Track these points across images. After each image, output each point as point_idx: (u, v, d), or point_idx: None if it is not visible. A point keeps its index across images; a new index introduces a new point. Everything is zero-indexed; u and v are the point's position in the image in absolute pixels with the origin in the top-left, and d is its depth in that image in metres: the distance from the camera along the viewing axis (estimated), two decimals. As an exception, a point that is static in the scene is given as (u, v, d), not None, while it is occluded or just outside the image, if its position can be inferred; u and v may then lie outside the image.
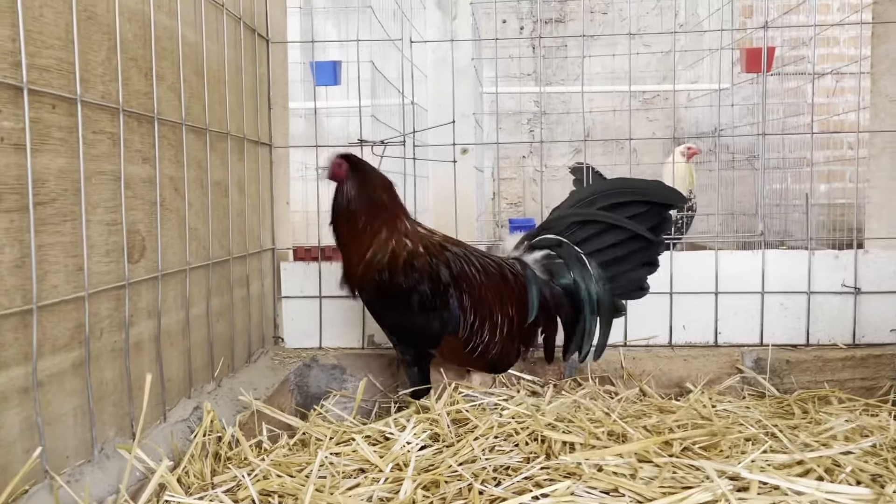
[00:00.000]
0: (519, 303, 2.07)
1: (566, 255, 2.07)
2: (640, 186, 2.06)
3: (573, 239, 2.07)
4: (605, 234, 2.05)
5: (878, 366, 2.41)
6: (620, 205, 2.04)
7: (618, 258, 2.06)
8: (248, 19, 2.36)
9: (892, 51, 2.57)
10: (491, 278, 2.05)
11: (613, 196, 2.04)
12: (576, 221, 2.07)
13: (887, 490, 1.39)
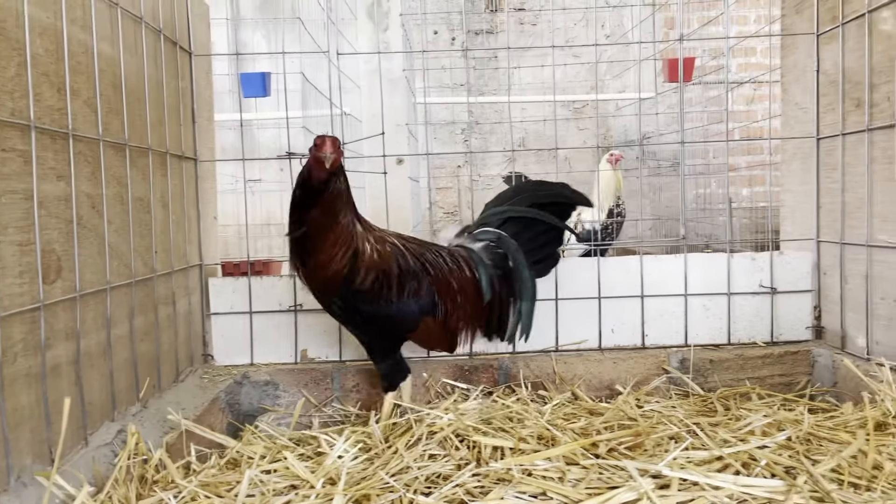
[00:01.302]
0: (474, 285, 2.21)
1: (506, 245, 2.25)
2: (554, 188, 2.37)
3: (508, 231, 2.28)
4: (532, 226, 2.29)
5: (794, 362, 2.52)
6: (540, 204, 2.31)
7: (540, 245, 2.31)
8: (169, 32, 2.32)
9: (799, 61, 2.70)
10: (449, 264, 2.20)
11: (532, 198, 2.33)
12: (510, 217, 2.29)
13: (798, 481, 1.46)
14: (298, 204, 1.95)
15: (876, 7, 2.26)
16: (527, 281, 2.25)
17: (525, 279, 2.24)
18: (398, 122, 4.89)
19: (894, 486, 1.49)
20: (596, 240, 4.13)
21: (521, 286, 2.25)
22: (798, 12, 2.69)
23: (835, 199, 2.51)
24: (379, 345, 2.15)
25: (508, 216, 2.30)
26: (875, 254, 2.32)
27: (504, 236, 2.27)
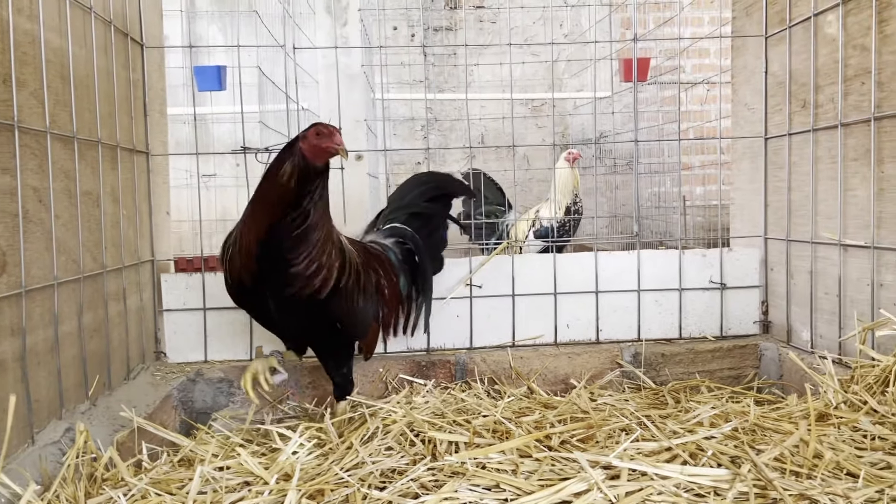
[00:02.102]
0: (396, 284, 2.22)
1: (414, 242, 2.30)
2: (444, 181, 2.48)
3: (412, 227, 2.32)
4: (430, 220, 2.38)
5: (742, 356, 2.59)
6: (435, 197, 2.40)
7: (436, 239, 2.42)
8: (120, 23, 2.27)
9: (748, 63, 2.77)
10: (380, 261, 2.19)
11: (429, 191, 2.40)
12: (413, 213, 2.35)
13: (742, 470, 1.50)
14: (294, 201, 1.75)
15: (821, 11, 2.33)
16: (429, 277, 2.33)
17: (428, 276, 2.32)
18: (357, 118, 4.87)
19: (833, 475, 1.55)
20: (553, 237, 4.18)
21: (424, 282, 2.31)
22: (748, 15, 2.76)
23: (782, 197, 2.59)
24: (339, 352, 2.08)
25: (412, 212, 2.34)
26: (819, 250, 2.39)
27: (410, 232, 2.29)
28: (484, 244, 4.16)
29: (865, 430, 1.76)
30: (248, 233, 1.80)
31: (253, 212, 1.82)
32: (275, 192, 1.77)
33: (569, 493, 1.43)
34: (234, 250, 1.84)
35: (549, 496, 1.43)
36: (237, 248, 1.83)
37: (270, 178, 1.79)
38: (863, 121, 2.16)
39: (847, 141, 2.23)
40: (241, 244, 1.82)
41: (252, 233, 1.80)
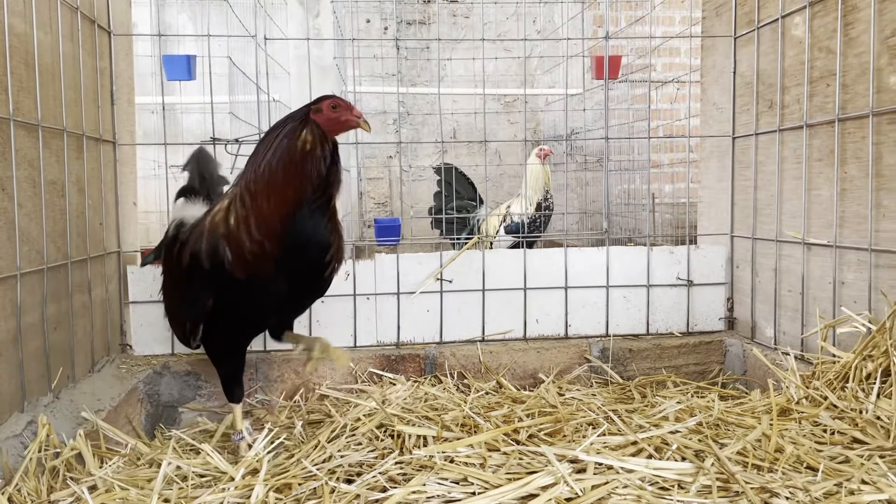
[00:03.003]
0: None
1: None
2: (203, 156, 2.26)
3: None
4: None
5: (708, 351, 2.63)
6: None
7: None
8: (87, 10, 2.23)
9: (717, 62, 2.81)
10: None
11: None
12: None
13: (706, 464, 1.53)
14: (322, 171, 1.67)
15: (789, 13, 2.37)
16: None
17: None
18: (329, 111, 4.83)
19: (794, 468, 1.58)
20: (524, 232, 4.20)
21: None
22: (717, 15, 2.80)
23: (748, 196, 2.63)
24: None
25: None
26: (784, 249, 2.44)
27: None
28: (455, 239, 4.17)
29: (826, 425, 1.81)
30: (264, 216, 1.65)
31: (265, 192, 1.65)
32: (297, 165, 1.65)
33: (536, 487, 1.45)
34: (236, 244, 1.65)
35: (516, 489, 1.44)
36: (245, 238, 1.65)
37: (285, 154, 1.66)
38: (827, 122, 2.20)
39: (812, 141, 2.28)
40: (253, 232, 1.64)
41: (273, 214, 1.65)
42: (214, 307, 1.72)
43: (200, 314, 1.74)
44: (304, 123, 1.68)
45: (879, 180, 2.01)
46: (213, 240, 1.68)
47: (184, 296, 1.79)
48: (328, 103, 1.70)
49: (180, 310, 1.84)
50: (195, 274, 1.71)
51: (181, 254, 1.75)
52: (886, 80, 1.98)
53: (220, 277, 1.67)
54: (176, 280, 1.84)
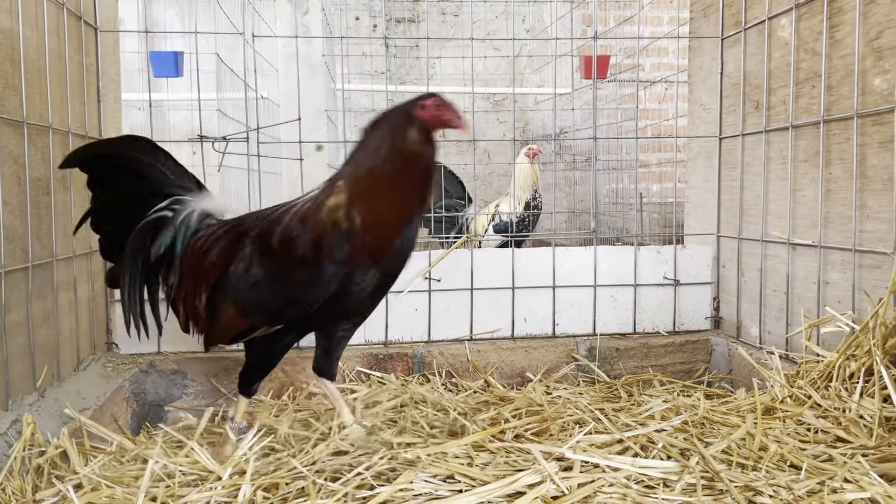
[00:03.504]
0: None
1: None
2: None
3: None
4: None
5: (694, 350, 2.65)
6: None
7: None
8: (74, 6, 2.21)
9: (705, 63, 2.82)
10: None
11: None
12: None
13: (691, 462, 1.54)
14: (432, 171, 1.72)
15: (775, 14, 2.39)
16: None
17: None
18: (317, 108, 4.82)
19: (777, 466, 1.60)
20: (512, 231, 4.21)
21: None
22: (705, 16, 2.81)
23: (734, 196, 2.65)
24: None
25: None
26: (769, 249, 2.46)
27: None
28: (443, 238, 4.17)
29: (809, 424, 1.82)
30: (386, 216, 1.67)
31: (389, 191, 1.67)
32: (413, 166, 1.68)
33: (522, 485, 1.45)
34: (361, 243, 1.65)
35: (504, 487, 1.45)
36: (368, 240, 1.65)
37: (398, 156, 1.67)
38: (813, 123, 2.22)
39: (797, 143, 2.30)
40: (377, 234, 1.66)
41: (396, 213, 1.68)
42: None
43: (301, 310, 1.71)
44: (410, 121, 1.69)
45: (863, 181, 2.03)
46: (337, 236, 1.65)
47: (288, 288, 1.71)
48: (433, 101, 1.70)
49: (271, 303, 1.73)
50: (307, 267, 1.67)
51: (293, 245, 1.68)
52: (871, 83, 2.00)
53: (332, 274, 1.66)
54: (286, 270, 1.70)
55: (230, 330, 1.77)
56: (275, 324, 1.74)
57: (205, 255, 1.80)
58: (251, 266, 1.71)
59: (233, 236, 1.79)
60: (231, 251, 1.76)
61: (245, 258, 1.73)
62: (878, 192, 1.98)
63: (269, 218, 1.76)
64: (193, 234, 1.86)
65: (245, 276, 1.72)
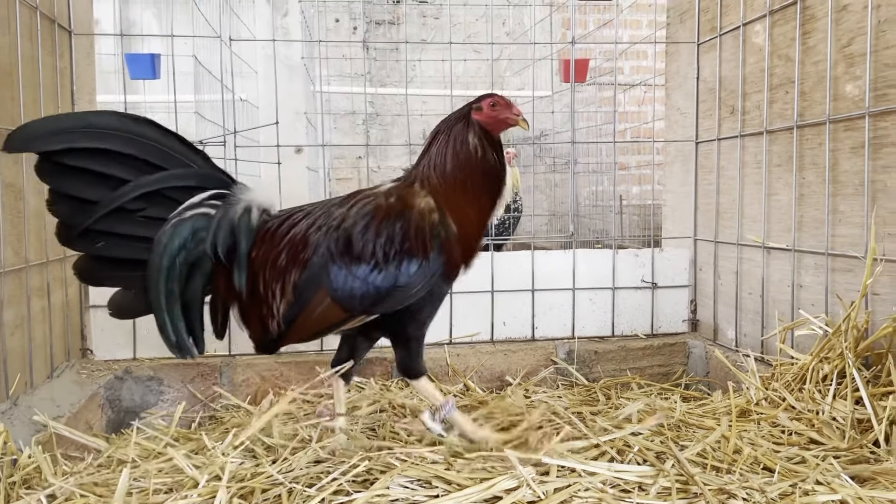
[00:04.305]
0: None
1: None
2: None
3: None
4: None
5: (671, 353, 2.67)
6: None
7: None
8: (47, 9, 2.19)
9: (681, 68, 2.85)
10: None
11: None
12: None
13: (666, 466, 1.56)
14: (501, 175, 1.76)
15: (750, 21, 2.41)
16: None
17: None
18: (297, 110, 4.80)
19: (751, 469, 1.61)
20: (493, 234, 4.21)
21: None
22: (681, 22, 2.84)
23: (710, 199, 2.67)
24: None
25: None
26: (744, 252, 2.48)
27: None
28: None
29: (784, 426, 1.85)
30: (473, 218, 1.72)
31: (469, 200, 1.71)
32: (478, 171, 1.72)
33: (499, 489, 1.45)
34: (459, 248, 1.69)
35: (481, 492, 1.45)
36: (462, 246, 1.70)
37: (463, 159, 1.72)
38: (786, 128, 2.25)
39: (772, 147, 2.32)
40: (469, 238, 1.72)
41: (476, 220, 1.73)
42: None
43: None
44: (468, 125, 1.72)
45: (835, 186, 2.06)
46: (435, 236, 1.66)
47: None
48: (488, 101, 1.73)
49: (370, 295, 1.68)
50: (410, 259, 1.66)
51: (394, 240, 1.66)
52: (842, 89, 2.03)
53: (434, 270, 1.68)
54: (386, 262, 1.67)
55: (323, 323, 1.70)
56: (375, 312, 1.69)
57: (280, 252, 1.70)
58: (347, 260, 1.65)
59: (309, 231, 1.71)
60: (312, 247, 1.68)
61: (338, 252, 1.66)
62: (849, 196, 2.01)
63: (346, 212, 1.70)
64: (258, 232, 1.74)
65: (342, 270, 1.65)
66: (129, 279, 1.71)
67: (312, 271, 1.67)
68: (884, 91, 1.88)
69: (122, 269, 1.69)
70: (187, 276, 1.70)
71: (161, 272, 1.65)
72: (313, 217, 1.74)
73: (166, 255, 1.65)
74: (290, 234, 1.72)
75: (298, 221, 1.74)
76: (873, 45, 1.90)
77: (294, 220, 1.75)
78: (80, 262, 1.70)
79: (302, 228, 1.72)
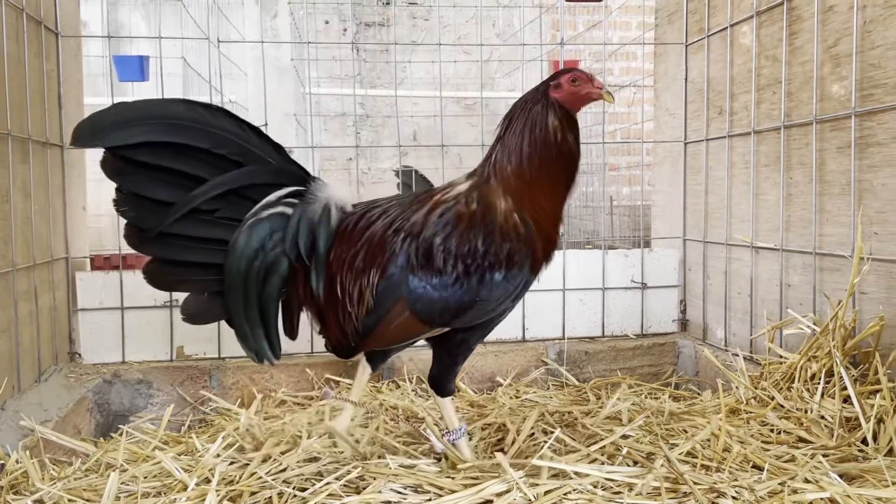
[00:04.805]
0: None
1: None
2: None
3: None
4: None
5: (661, 353, 2.68)
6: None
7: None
8: (33, 11, 2.18)
9: (670, 69, 2.86)
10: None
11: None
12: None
13: (655, 465, 1.56)
14: (571, 161, 1.63)
15: (737, 22, 2.43)
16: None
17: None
18: (286, 112, 4.80)
19: (741, 467, 1.62)
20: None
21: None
22: (670, 23, 2.85)
23: (699, 200, 2.69)
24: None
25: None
26: (733, 252, 2.49)
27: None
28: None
29: (773, 425, 1.86)
30: (547, 209, 1.62)
31: (547, 191, 1.61)
32: (559, 155, 1.61)
33: (490, 493, 1.45)
34: (541, 242, 1.62)
35: (471, 496, 1.45)
36: (543, 241, 1.62)
37: (542, 146, 1.60)
38: (774, 129, 2.26)
39: (759, 147, 2.34)
40: (549, 232, 1.64)
41: (554, 211, 1.64)
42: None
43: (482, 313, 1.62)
44: (547, 106, 1.61)
45: (822, 186, 2.07)
46: (520, 241, 1.59)
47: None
48: (567, 77, 1.61)
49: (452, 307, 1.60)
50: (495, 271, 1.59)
51: (478, 250, 1.58)
52: (829, 89, 2.04)
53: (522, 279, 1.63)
54: (470, 274, 1.58)
55: (403, 334, 1.63)
56: (455, 325, 1.63)
57: (357, 253, 1.63)
58: (427, 272, 1.57)
59: (386, 233, 1.62)
60: (390, 252, 1.60)
61: (418, 264, 1.58)
62: (836, 196, 2.02)
63: (425, 220, 1.61)
64: (337, 231, 1.66)
65: (422, 283, 1.57)
66: (201, 283, 1.64)
67: (391, 281, 1.59)
68: (869, 91, 1.90)
69: (196, 272, 1.63)
70: (264, 279, 1.63)
71: (239, 275, 1.60)
72: (390, 217, 1.64)
73: (244, 259, 1.59)
74: (367, 234, 1.64)
75: (375, 220, 1.65)
76: (859, 46, 1.92)
77: (370, 219, 1.66)
78: (149, 266, 1.63)
79: (379, 229, 1.63)
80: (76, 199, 2.43)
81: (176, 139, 1.53)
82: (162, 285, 1.68)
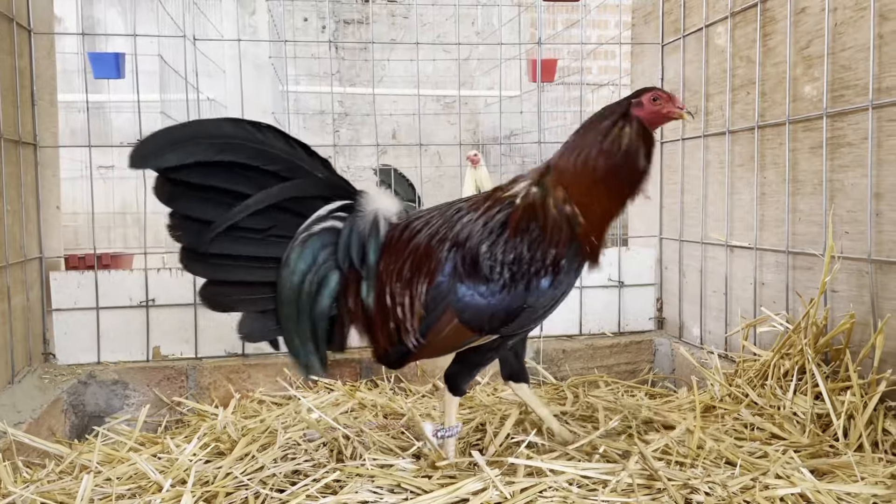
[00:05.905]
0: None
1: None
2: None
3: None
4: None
5: (638, 351, 2.70)
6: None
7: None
8: (5, 8, 2.15)
9: (646, 69, 2.88)
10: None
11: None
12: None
13: (630, 462, 1.57)
14: (637, 175, 1.63)
15: (712, 22, 2.45)
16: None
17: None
18: (264, 110, 4.77)
19: (715, 463, 1.64)
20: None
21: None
22: (646, 23, 2.87)
23: (675, 199, 2.71)
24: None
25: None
26: (708, 250, 2.52)
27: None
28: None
29: (746, 421, 1.88)
30: (600, 217, 1.64)
31: (606, 204, 1.63)
32: (628, 174, 1.61)
33: (466, 492, 1.46)
34: (595, 238, 1.65)
35: (448, 495, 1.45)
36: (595, 237, 1.65)
37: (612, 153, 1.61)
38: (748, 129, 2.29)
39: (734, 147, 2.36)
40: (598, 237, 1.66)
41: (608, 218, 1.66)
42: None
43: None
44: (626, 121, 1.63)
45: (795, 185, 2.10)
46: (570, 245, 1.63)
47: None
48: (648, 96, 1.64)
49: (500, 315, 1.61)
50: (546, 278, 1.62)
51: (533, 259, 1.60)
52: (801, 90, 2.07)
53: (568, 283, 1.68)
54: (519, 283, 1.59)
55: (454, 342, 1.64)
56: (504, 332, 1.64)
57: (404, 263, 1.63)
58: (474, 280, 1.58)
59: (431, 242, 1.63)
60: (436, 260, 1.61)
61: (465, 272, 1.59)
62: (808, 195, 2.06)
63: (472, 227, 1.63)
64: (386, 243, 1.66)
65: (469, 291, 1.58)
66: (256, 302, 1.63)
67: (440, 290, 1.59)
68: (840, 92, 1.93)
69: (251, 292, 1.62)
70: (315, 294, 1.63)
71: (293, 290, 1.60)
72: (434, 227, 1.65)
73: (297, 273, 1.59)
74: (411, 244, 1.64)
75: (419, 230, 1.66)
76: (831, 48, 1.95)
77: (413, 230, 1.66)
78: (207, 289, 1.62)
79: (423, 238, 1.64)
80: (50, 199, 2.40)
81: (228, 158, 1.52)
82: (221, 307, 1.65)
